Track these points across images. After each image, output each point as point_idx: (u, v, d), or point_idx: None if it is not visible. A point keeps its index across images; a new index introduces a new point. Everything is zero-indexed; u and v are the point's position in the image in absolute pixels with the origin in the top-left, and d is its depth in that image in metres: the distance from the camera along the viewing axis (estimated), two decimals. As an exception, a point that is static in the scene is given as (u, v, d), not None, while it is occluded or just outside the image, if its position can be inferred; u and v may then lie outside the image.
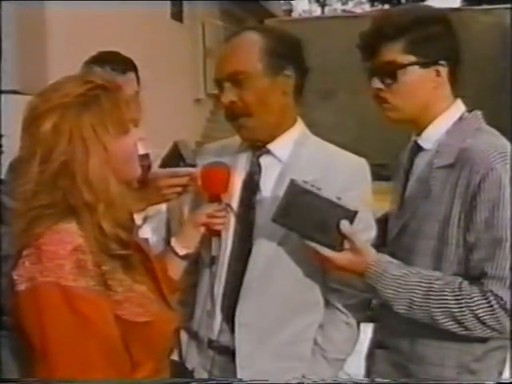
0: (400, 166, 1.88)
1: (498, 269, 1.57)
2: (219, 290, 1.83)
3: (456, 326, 1.62)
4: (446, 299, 1.61)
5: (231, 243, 1.83)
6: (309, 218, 1.65)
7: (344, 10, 29.38)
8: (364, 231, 1.80)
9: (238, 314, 1.80)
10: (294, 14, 29.02)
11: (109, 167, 1.41)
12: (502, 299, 1.56)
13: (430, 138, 1.75)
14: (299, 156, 1.83)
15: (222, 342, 1.84)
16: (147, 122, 2.34)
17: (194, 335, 1.91)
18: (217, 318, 1.84)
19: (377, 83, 1.75)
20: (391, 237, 1.80)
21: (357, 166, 1.85)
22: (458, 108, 1.76)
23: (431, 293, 1.63)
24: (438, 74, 1.72)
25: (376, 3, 26.30)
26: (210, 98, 12.45)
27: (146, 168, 1.97)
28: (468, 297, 1.59)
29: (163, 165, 1.79)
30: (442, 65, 1.72)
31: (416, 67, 1.71)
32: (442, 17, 1.78)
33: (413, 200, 1.74)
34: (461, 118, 1.74)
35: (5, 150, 5.14)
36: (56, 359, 1.31)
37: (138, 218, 1.95)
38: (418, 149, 1.79)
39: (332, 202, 1.66)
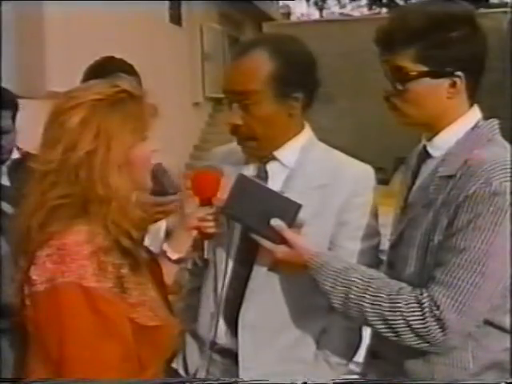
0: (408, 169, 1.81)
1: (447, 275, 1.51)
2: (223, 293, 1.83)
3: (387, 330, 1.57)
4: (381, 301, 1.56)
5: (235, 248, 1.83)
6: (253, 209, 1.67)
7: (342, 14, 29.35)
8: (365, 239, 1.81)
9: (241, 316, 1.80)
10: (292, 17, 29.06)
11: (125, 169, 1.43)
12: (438, 308, 1.50)
13: (440, 145, 1.66)
14: (306, 162, 1.82)
15: (224, 344, 1.84)
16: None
17: (197, 337, 1.91)
18: (220, 320, 1.84)
19: (388, 85, 1.66)
20: (391, 243, 1.76)
21: (363, 174, 1.84)
22: (474, 116, 1.65)
23: (367, 291, 1.58)
24: (454, 85, 1.60)
25: (374, 7, 26.34)
26: (209, 102, 12.47)
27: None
28: (404, 302, 1.54)
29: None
30: (458, 76, 1.60)
31: (427, 78, 1.60)
32: (467, 18, 1.62)
33: (413, 207, 1.68)
34: (474, 127, 1.63)
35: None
36: (74, 359, 1.31)
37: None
38: (426, 155, 1.71)
39: (276, 194, 1.68)
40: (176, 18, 11.33)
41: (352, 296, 1.60)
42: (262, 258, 1.78)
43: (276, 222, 1.65)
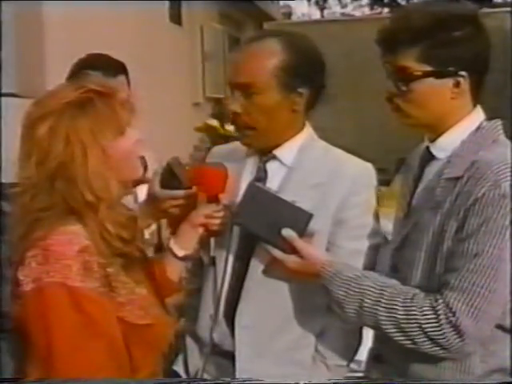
0: (409, 171, 1.80)
1: (461, 281, 1.50)
2: (222, 293, 1.82)
3: (402, 338, 1.56)
4: (395, 308, 1.56)
5: (235, 247, 1.83)
6: (264, 219, 1.67)
7: (343, 14, 29.34)
8: (367, 237, 1.79)
9: (238, 316, 1.80)
10: (293, 17, 29.04)
11: (107, 168, 1.42)
12: (454, 314, 1.49)
13: (444, 147, 1.65)
14: (305, 160, 1.82)
15: (224, 345, 1.84)
16: (145, 126, 2.33)
17: (197, 339, 1.91)
18: (219, 321, 1.82)
19: (390, 86, 1.65)
20: (394, 246, 1.74)
21: (363, 171, 1.84)
22: (477, 117, 1.65)
23: (381, 299, 1.58)
24: (457, 85, 1.60)
25: (376, 6, 26.32)
26: (209, 102, 12.45)
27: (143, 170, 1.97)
28: (419, 309, 1.53)
29: (162, 185, 1.80)
30: (462, 76, 1.59)
31: (431, 78, 1.59)
32: (470, 18, 1.61)
33: (418, 210, 1.67)
34: (478, 128, 1.63)
35: (3, 152, 5.13)
36: (61, 360, 1.32)
37: (146, 234, 1.96)
38: (429, 157, 1.70)
39: (287, 204, 1.67)
40: (176, 18, 11.31)
41: (366, 304, 1.59)
42: (258, 257, 1.77)
43: (287, 232, 1.64)
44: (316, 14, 31.21)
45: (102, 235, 1.40)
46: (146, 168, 2.09)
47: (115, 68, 2.34)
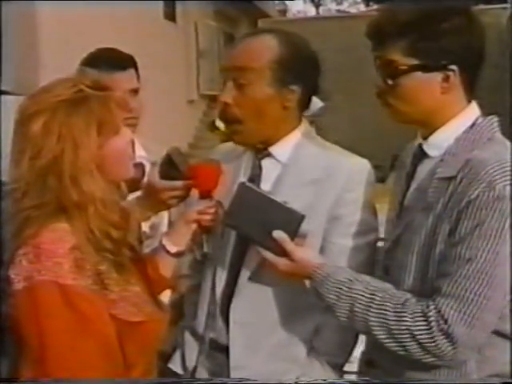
0: (402, 169, 1.73)
1: (453, 287, 1.43)
2: (219, 288, 1.82)
3: (394, 344, 1.51)
4: (386, 314, 1.50)
5: (232, 244, 1.82)
6: (255, 220, 1.63)
7: (339, 10, 29.44)
8: (360, 235, 1.78)
9: (231, 312, 1.79)
10: (289, 15, 29.06)
11: (98, 167, 1.41)
12: (446, 321, 1.43)
13: (437, 144, 1.58)
14: (299, 157, 1.80)
15: (220, 341, 1.83)
16: (140, 123, 2.32)
17: (195, 334, 1.90)
18: (217, 317, 1.82)
19: (379, 81, 1.58)
20: (386, 248, 1.69)
21: (358, 168, 1.81)
22: (472, 113, 1.57)
23: (372, 304, 1.52)
24: (447, 79, 1.52)
25: (371, 3, 26.32)
26: (203, 99, 12.44)
27: (140, 177, 1.96)
28: (410, 316, 1.47)
29: (161, 175, 1.78)
30: (451, 70, 1.52)
31: (418, 72, 1.52)
32: (460, 9, 1.54)
33: (410, 210, 1.60)
34: (473, 125, 1.55)
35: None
36: (54, 358, 1.30)
37: (145, 226, 1.94)
38: (422, 155, 1.63)
39: (278, 204, 1.64)
40: (170, 15, 11.30)
41: (357, 309, 1.54)
42: (252, 254, 1.76)
43: (278, 234, 1.61)
44: (311, 11, 31.28)
45: (86, 234, 1.39)
46: (143, 173, 2.08)
47: (125, 61, 2.34)
